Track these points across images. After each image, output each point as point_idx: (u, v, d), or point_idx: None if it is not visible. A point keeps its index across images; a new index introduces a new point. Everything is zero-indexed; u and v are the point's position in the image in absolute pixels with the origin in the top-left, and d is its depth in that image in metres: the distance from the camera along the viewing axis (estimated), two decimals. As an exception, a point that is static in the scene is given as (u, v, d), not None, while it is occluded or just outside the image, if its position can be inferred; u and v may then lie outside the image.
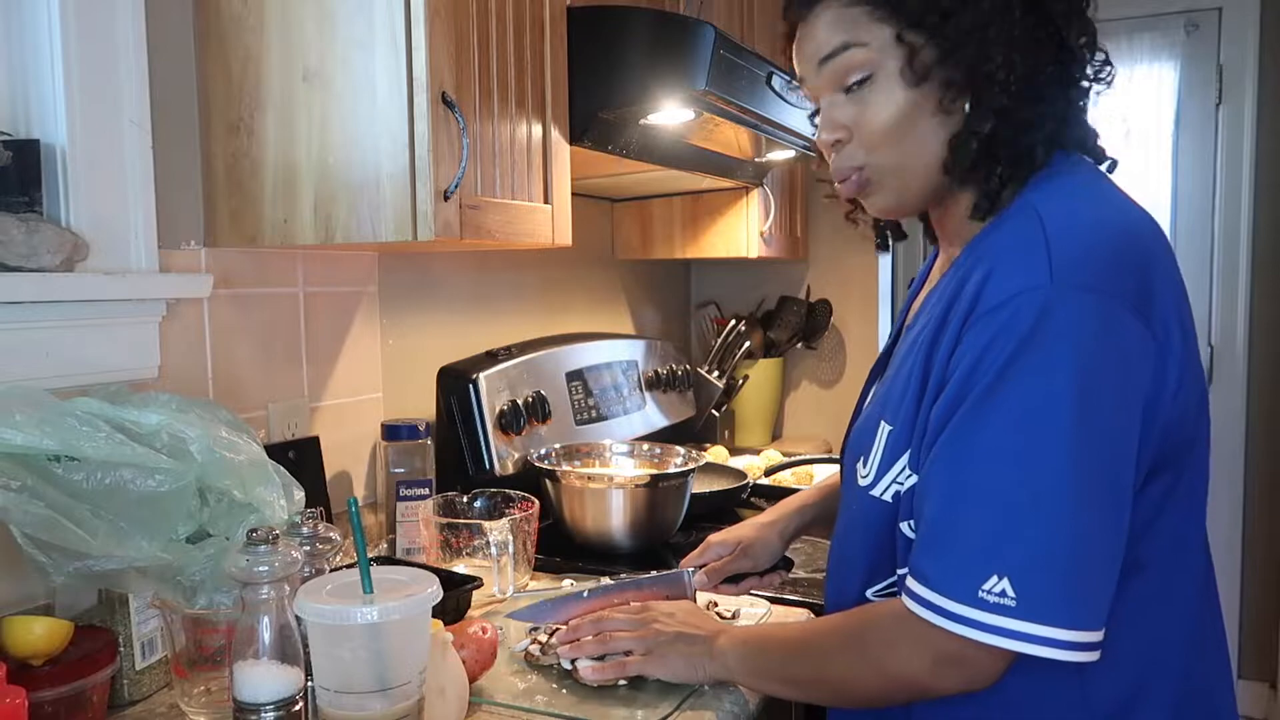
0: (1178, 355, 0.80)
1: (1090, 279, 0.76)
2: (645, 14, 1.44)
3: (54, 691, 0.87)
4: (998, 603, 0.75)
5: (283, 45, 1.19)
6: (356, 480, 1.57)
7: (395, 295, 1.63)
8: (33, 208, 1.08)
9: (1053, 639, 0.75)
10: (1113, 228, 0.81)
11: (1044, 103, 0.84)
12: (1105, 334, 0.76)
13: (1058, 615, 0.75)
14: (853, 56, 0.86)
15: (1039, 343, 0.75)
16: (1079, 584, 0.76)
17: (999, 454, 0.77)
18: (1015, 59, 0.82)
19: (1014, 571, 0.75)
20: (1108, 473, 0.77)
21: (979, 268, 0.81)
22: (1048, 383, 0.75)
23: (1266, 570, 2.93)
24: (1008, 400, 0.76)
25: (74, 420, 0.87)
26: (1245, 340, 2.92)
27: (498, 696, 1.02)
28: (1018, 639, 0.75)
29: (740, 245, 2.26)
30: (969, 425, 0.78)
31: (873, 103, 0.87)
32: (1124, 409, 0.77)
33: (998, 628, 0.75)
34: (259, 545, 0.81)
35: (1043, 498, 0.75)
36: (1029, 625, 0.75)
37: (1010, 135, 0.84)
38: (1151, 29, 2.91)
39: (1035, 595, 0.75)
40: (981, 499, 0.77)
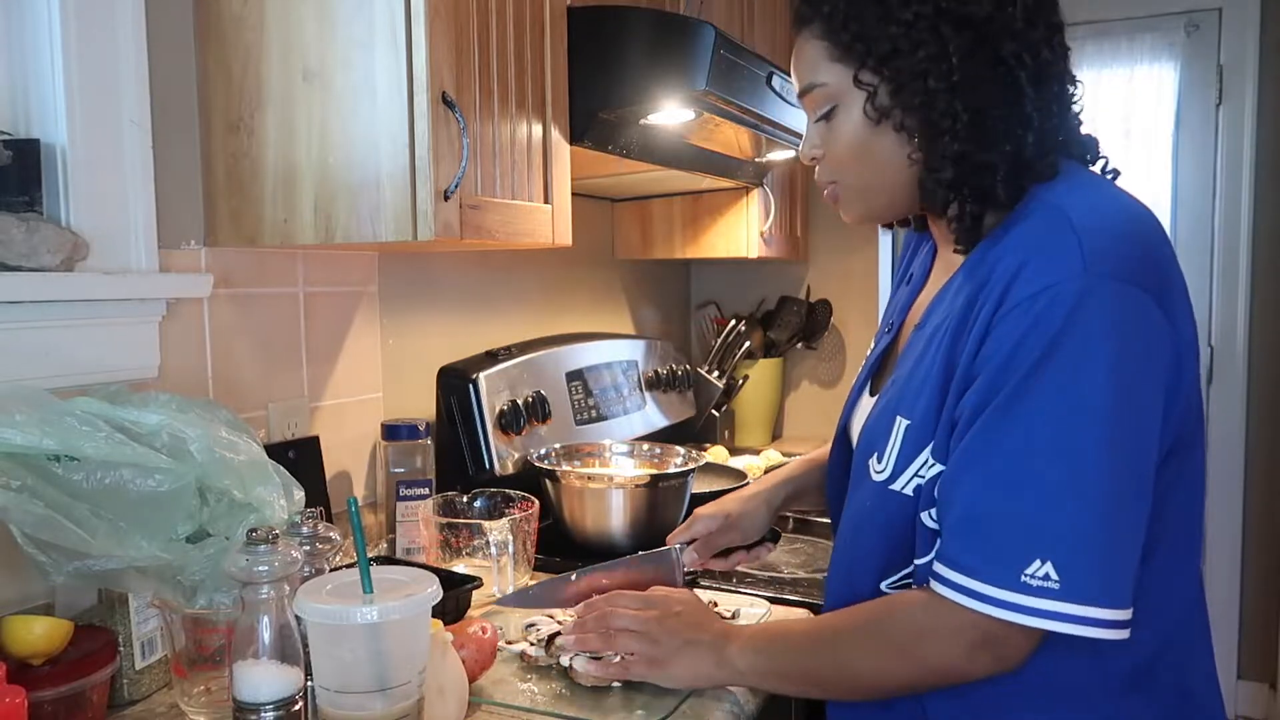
0: (1189, 344, 0.83)
1: (1121, 269, 0.79)
2: (645, 14, 1.44)
3: (54, 691, 0.87)
4: (1042, 586, 0.77)
5: (283, 45, 1.19)
6: (356, 480, 1.57)
7: (395, 295, 1.63)
8: (33, 207, 1.08)
9: (1093, 618, 0.77)
10: (1136, 222, 0.84)
11: (997, 145, 0.85)
12: (1136, 323, 0.78)
13: (1098, 595, 0.77)
14: (818, 94, 0.93)
15: (1076, 333, 0.77)
16: (1115, 565, 0.79)
17: (1038, 442, 0.78)
18: (958, 105, 0.84)
19: (1056, 555, 0.77)
20: (1138, 457, 0.79)
21: (1005, 261, 0.83)
22: (1085, 372, 0.77)
23: (1266, 570, 2.93)
24: (1046, 390, 0.78)
25: (74, 420, 0.87)
26: (1245, 340, 2.92)
27: (498, 696, 1.02)
28: (1061, 620, 0.78)
29: (740, 245, 2.26)
30: (1006, 414, 0.80)
31: (837, 132, 0.93)
32: (1152, 396, 0.80)
33: (1041, 610, 0.78)
34: (259, 545, 0.81)
35: (1081, 484, 0.77)
36: (1072, 606, 0.77)
37: (968, 178, 0.86)
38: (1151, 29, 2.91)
39: (1077, 577, 0.77)
40: (1022, 486, 0.79)
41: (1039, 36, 0.85)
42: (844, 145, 0.93)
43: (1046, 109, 0.86)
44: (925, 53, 0.84)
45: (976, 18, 0.84)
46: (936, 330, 0.90)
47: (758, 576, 1.43)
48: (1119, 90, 2.94)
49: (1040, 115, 0.86)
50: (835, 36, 0.89)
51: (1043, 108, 0.86)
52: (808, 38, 0.93)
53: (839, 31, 0.89)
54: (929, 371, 0.88)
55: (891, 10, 0.86)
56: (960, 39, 0.84)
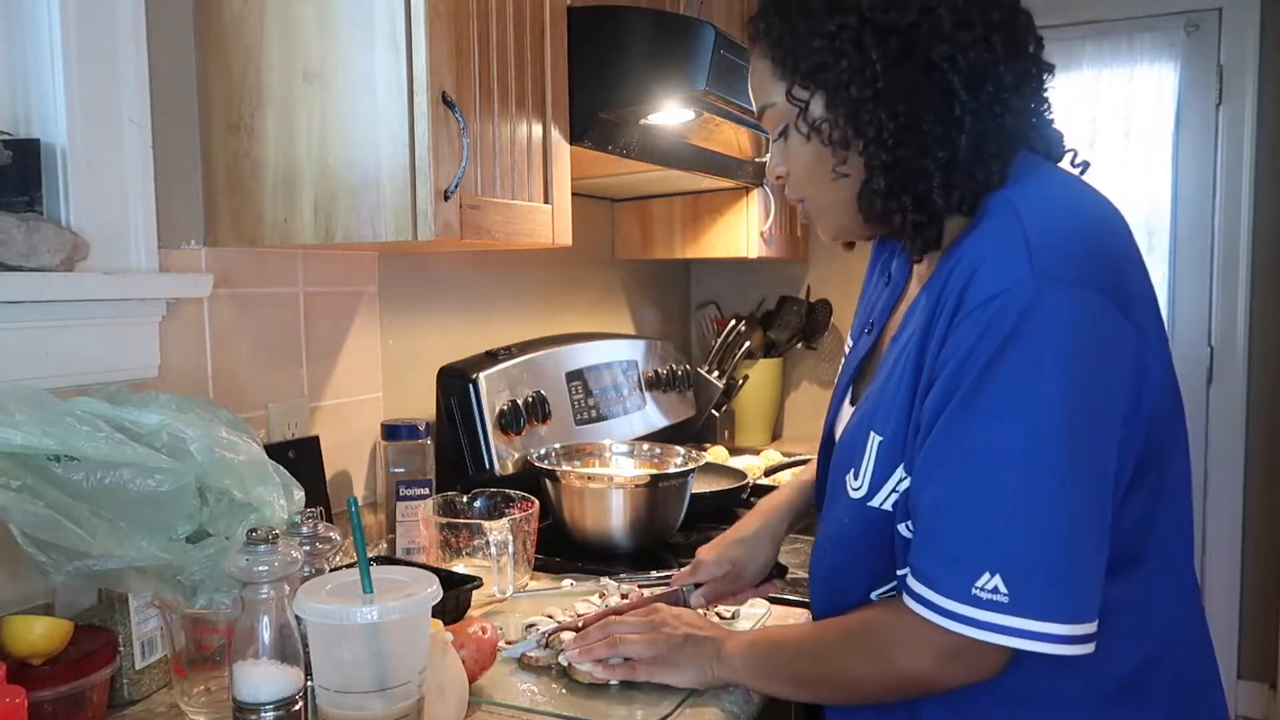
0: (1155, 346, 0.82)
1: (1071, 272, 0.77)
2: (645, 14, 1.44)
3: (54, 691, 0.87)
4: (990, 599, 0.76)
5: (283, 45, 1.19)
6: (356, 480, 1.57)
7: (395, 295, 1.63)
8: (33, 207, 1.08)
9: (1046, 634, 0.76)
10: (1087, 220, 0.83)
11: (929, 152, 0.83)
12: (1090, 327, 0.77)
13: (1050, 610, 0.76)
14: (770, 114, 0.93)
15: (1024, 338, 0.76)
16: (1070, 578, 0.77)
17: (988, 451, 0.78)
18: (882, 114, 0.83)
19: (1006, 568, 0.76)
20: (1094, 465, 0.78)
21: (960, 267, 0.82)
22: (1035, 379, 0.76)
23: (1266, 570, 2.93)
24: (994, 397, 0.77)
25: (74, 420, 0.87)
26: (1245, 340, 2.92)
27: (497, 696, 1.02)
28: (1012, 635, 0.76)
29: (740, 245, 2.26)
30: (957, 423, 0.79)
31: (790, 152, 0.93)
32: (1108, 402, 0.78)
33: (992, 624, 0.77)
34: (259, 545, 0.81)
35: (1032, 494, 0.76)
36: (1022, 621, 0.76)
37: (902, 186, 0.85)
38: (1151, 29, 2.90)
39: (1027, 591, 0.76)
40: (971, 496, 0.78)
41: (972, 37, 0.83)
42: (796, 164, 0.93)
43: (985, 110, 0.83)
44: (848, 63, 0.83)
45: (900, 25, 0.82)
46: (906, 342, 0.89)
47: (758, 576, 1.43)
48: (1119, 90, 2.94)
49: (975, 118, 0.83)
50: (773, 53, 0.89)
51: (978, 110, 0.83)
52: (757, 57, 0.93)
53: (776, 48, 0.89)
54: (898, 385, 0.87)
55: (817, 24, 0.85)
56: (884, 47, 0.82)
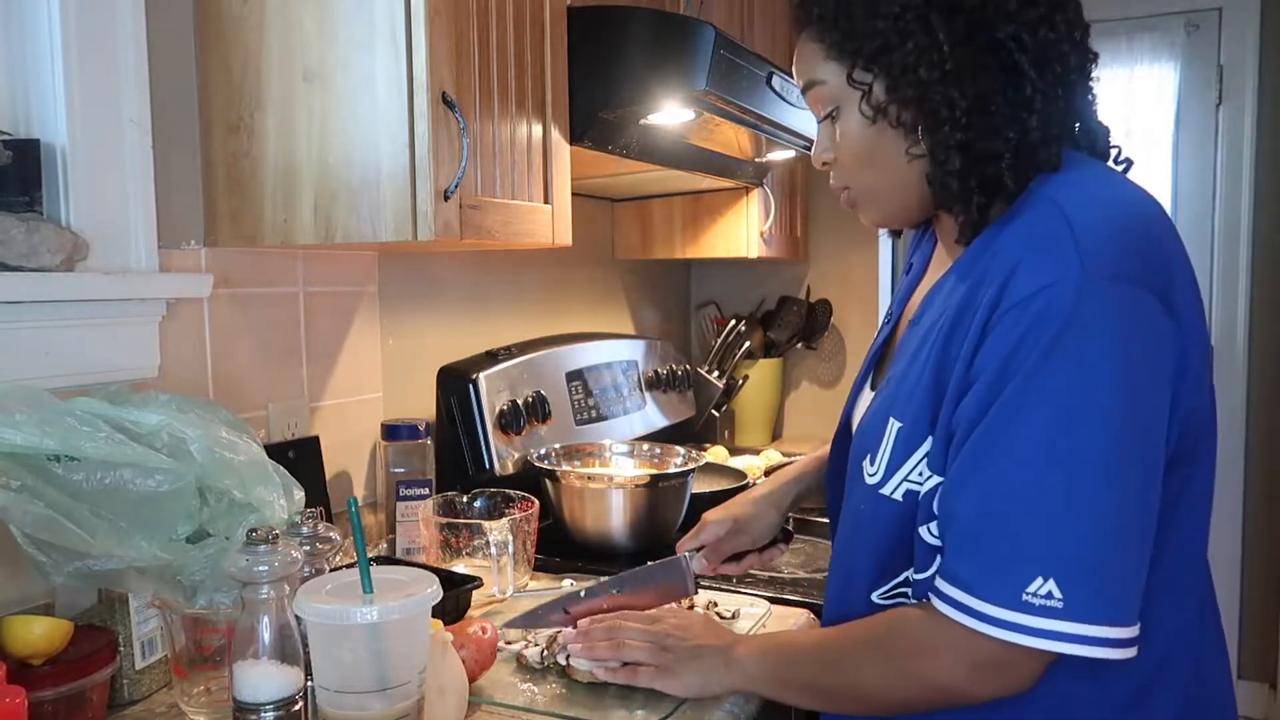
0: (1197, 344, 0.80)
1: (1120, 269, 0.76)
2: (645, 14, 1.44)
3: (54, 691, 0.87)
4: (1044, 605, 0.74)
5: (283, 45, 1.19)
6: (356, 480, 1.57)
7: (395, 295, 1.63)
8: (33, 207, 1.08)
9: (1098, 638, 0.74)
10: (1132, 215, 0.81)
11: (1001, 132, 0.82)
12: (1138, 325, 0.75)
13: (1103, 613, 0.74)
14: (818, 93, 0.91)
15: (1075, 336, 0.74)
16: (1121, 581, 0.75)
17: (1039, 451, 0.75)
18: (954, 94, 0.81)
19: (1060, 573, 0.74)
20: (1143, 466, 0.76)
21: (1000, 260, 0.80)
22: (1086, 377, 0.74)
23: (1266, 570, 2.93)
24: (1045, 396, 0.75)
25: (74, 420, 0.87)
26: (1245, 340, 2.92)
27: (497, 696, 1.02)
28: (1064, 640, 0.74)
29: (740, 245, 2.26)
30: (1005, 422, 0.77)
31: (843, 133, 0.90)
32: (1157, 401, 0.77)
33: (1044, 630, 0.74)
34: (259, 545, 0.81)
35: (1084, 495, 0.74)
36: (1075, 626, 0.74)
37: (974, 167, 0.83)
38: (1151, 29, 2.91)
39: (1081, 595, 0.74)
40: (1022, 498, 0.76)
41: (1037, 16, 0.82)
42: (849, 147, 0.90)
43: (1050, 91, 0.83)
44: (915, 44, 0.82)
45: (967, 3, 0.81)
46: (930, 329, 0.87)
47: (758, 577, 1.43)
48: (1119, 90, 2.94)
49: (1044, 98, 0.82)
50: (828, 36, 0.88)
51: (1046, 90, 0.82)
52: (805, 40, 0.91)
53: (830, 31, 0.87)
54: (921, 372, 0.86)
55: (879, 5, 0.83)
56: (951, 26, 0.81)
